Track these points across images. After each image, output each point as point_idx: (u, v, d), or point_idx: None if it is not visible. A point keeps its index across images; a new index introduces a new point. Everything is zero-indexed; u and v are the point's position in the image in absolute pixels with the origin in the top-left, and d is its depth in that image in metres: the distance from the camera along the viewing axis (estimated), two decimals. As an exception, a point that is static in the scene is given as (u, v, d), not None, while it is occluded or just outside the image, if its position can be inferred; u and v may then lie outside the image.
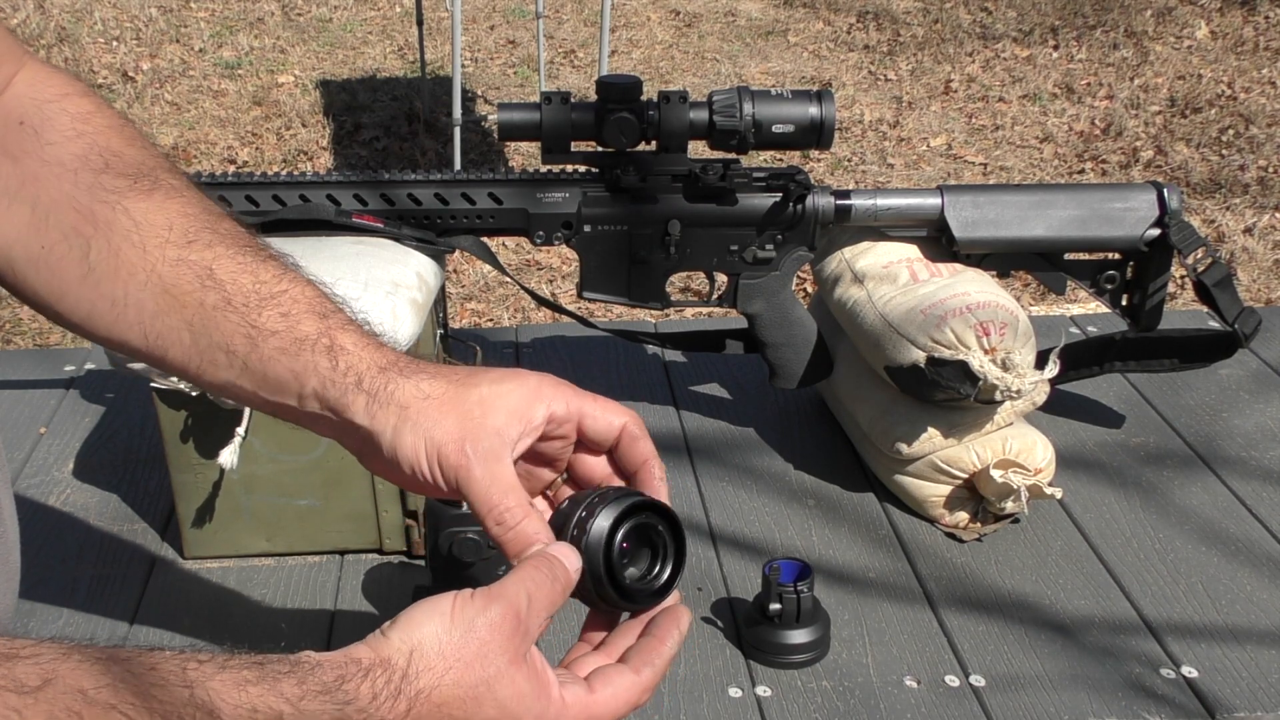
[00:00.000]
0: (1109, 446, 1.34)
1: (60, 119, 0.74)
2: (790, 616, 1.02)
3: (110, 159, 0.74)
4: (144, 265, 0.72)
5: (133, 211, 0.73)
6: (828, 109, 1.16)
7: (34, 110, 0.74)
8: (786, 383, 1.28)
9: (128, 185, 0.73)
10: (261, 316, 0.71)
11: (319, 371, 0.70)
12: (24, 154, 0.73)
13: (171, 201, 0.74)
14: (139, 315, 0.72)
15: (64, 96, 0.75)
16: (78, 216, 0.72)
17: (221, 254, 0.73)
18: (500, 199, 1.20)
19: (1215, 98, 4.65)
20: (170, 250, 0.72)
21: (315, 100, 4.69)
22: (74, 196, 0.72)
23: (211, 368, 0.73)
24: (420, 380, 0.69)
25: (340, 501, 1.12)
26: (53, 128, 0.73)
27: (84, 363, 1.49)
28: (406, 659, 0.59)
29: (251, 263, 0.73)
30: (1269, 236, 3.68)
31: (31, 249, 0.72)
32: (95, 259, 0.72)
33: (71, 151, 0.73)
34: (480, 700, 0.60)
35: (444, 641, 0.60)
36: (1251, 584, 1.13)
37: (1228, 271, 1.24)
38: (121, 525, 1.21)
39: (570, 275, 3.44)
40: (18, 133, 0.73)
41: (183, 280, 0.72)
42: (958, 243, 1.22)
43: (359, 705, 0.57)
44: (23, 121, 0.73)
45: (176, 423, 1.08)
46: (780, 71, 5.10)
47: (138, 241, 0.72)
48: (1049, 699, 1.00)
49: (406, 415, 0.68)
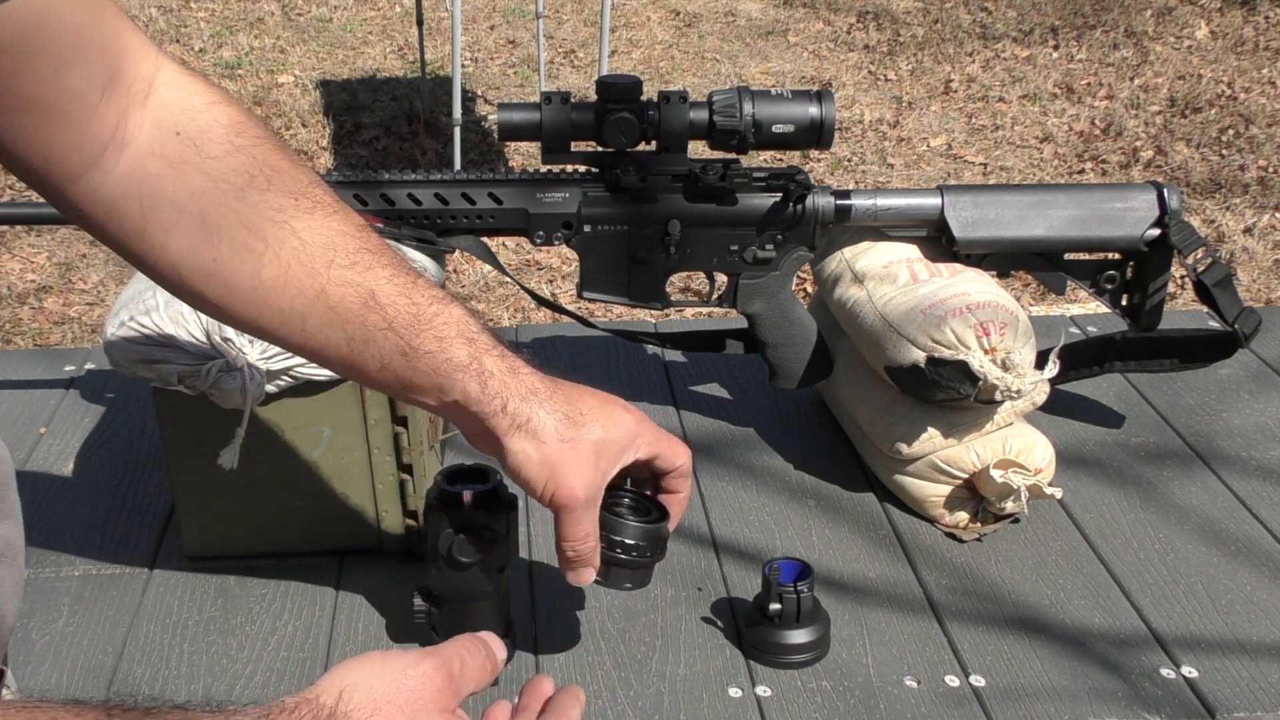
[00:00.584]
0: (1109, 446, 1.34)
1: (215, 130, 0.77)
2: (790, 616, 1.02)
3: (272, 176, 0.78)
4: (312, 285, 0.78)
5: (299, 231, 0.78)
6: (828, 109, 1.16)
7: (188, 121, 0.76)
8: (786, 383, 1.28)
9: (291, 204, 0.78)
10: (419, 338, 0.81)
11: (467, 392, 0.82)
12: (186, 165, 0.75)
13: (330, 220, 0.80)
14: (303, 325, 0.80)
15: (211, 105, 0.77)
16: (248, 233, 0.77)
17: (381, 276, 0.80)
18: (500, 199, 1.20)
19: (1215, 98, 4.65)
20: (336, 272, 0.79)
21: (315, 100, 4.69)
22: (242, 213, 0.76)
23: (360, 370, 0.82)
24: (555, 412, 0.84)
25: (340, 501, 1.12)
26: (210, 140, 0.76)
27: (84, 363, 1.49)
28: (335, 698, 0.62)
29: (407, 285, 0.81)
30: (1269, 236, 3.68)
31: (202, 260, 0.77)
32: (266, 275, 0.78)
33: (233, 167, 0.77)
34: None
35: (374, 685, 0.63)
36: (1251, 584, 1.13)
37: (1228, 271, 1.24)
38: (121, 525, 1.21)
39: (570, 275, 3.44)
40: (176, 143, 0.75)
41: (348, 301, 0.79)
42: (958, 243, 1.22)
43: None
44: (179, 132, 0.76)
45: (176, 423, 1.08)
46: (780, 71, 5.10)
47: (305, 261, 0.78)
48: (1049, 699, 1.00)
49: (540, 449, 0.84)
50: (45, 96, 0.69)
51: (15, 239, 3.64)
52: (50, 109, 0.70)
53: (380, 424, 1.09)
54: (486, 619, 1.00)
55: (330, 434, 1.09)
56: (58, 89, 0.70)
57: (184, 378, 1.04)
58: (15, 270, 3.51)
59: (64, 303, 3.37)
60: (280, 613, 1.09)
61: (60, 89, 0.70)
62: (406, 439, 1.10)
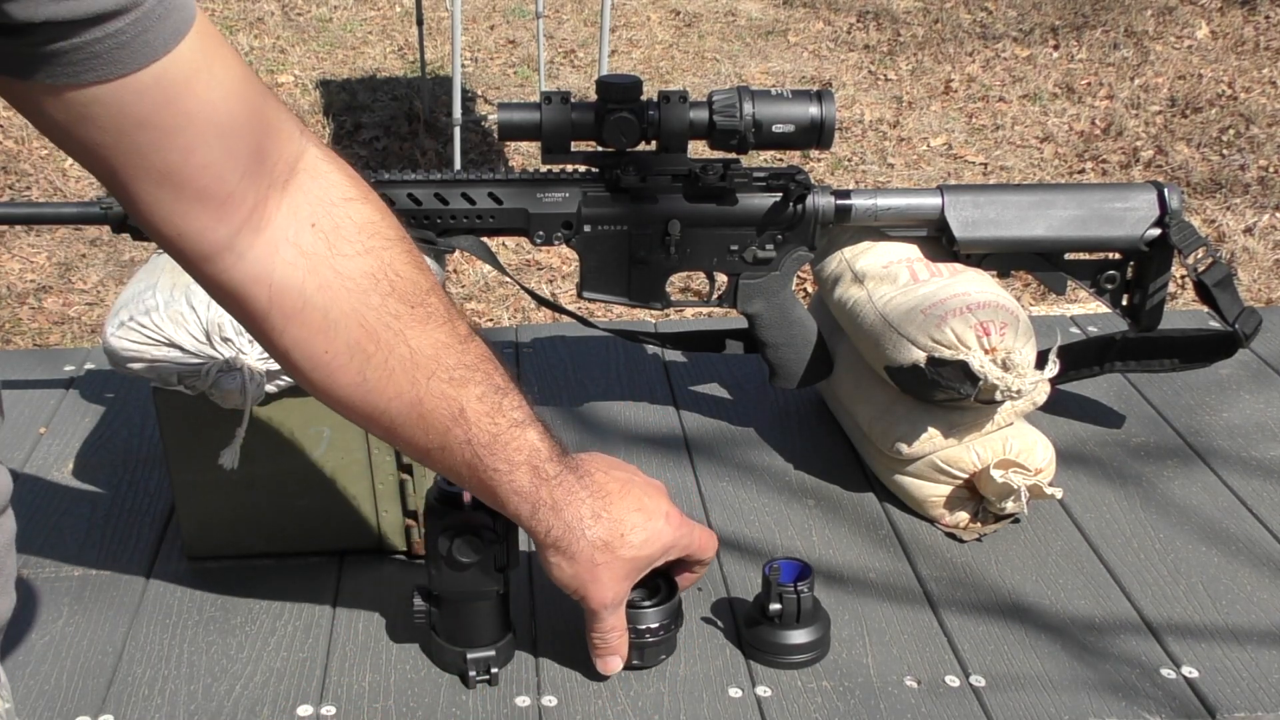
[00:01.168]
0: (1109, 446, 1.34)
1: (348, 228, 0.79)
2: (790, 616, 1.02)
3: (395, 281, 0.81)
4: (412, 393, 0.83)
5: (410, 339, 0.82)
6: (828, 109, 1.16)
7: (324, 214, 0.78)
8: (786, 383, 1.28)
9: (408, 312, 0.82)
10: (491, 458, 0.87)
11: (520, 511, 0.90)
12: (317, 258, 0.78)
13: (439, 331, 0.84)
14: (391, 423, 0.85)
15: (349, 201, 0.80)
16: (363, 333, 0.81)
17: (474, 395, 0.85)
18: (500, 199, 1.20)
19: (1215, 97, 4.65)
20: (435, 384, 0.83)
21: (315, 100, 4.69)
22: (362, 314, 0.80)
23: (430, 464, 0.89)
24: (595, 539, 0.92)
25: (340, 501, 1.12)
26: (343, 238, 0.79)
27: (84, 363, 1.49)
28: None
29: (494, 406, 0.86)
30: (1269, 236, 3.68)
31: (315, 350, 0.80)
32: (371, 376, 0.82)
33: (362, 268, 0.79)
34: None
35: None
36: (1251, 584, 1.13)
37: (1228, 271, 1.24)
38: (121, 525, 1.21)
39: (570, 275, 3.44)
40: (310, 234, 0.77)
41: (438, 412, 0.84)
42: (958, 243, 1.22)
43: None
44: (314, 224, 0.77)
45: (176, 423, 1.08)
46: (780, 71, 5.10)
47: (410, 370, 0.83)
48: (1049, 699, 1.00)
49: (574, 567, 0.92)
50: (182, 173, 0.70)
51: (15, 239, 3.64)
52: (186, 184, 0.71)
53: (380, 424, 1.09)
54: (486, 619, 1.00)
55: (330, 434, 1.09)
56: (194, 166, 0.70)
57: (184, 378, 1.04)
58: (15, 270, 3.51)
59: (64, 303, 3.37)
60: (280, 613, 1.09)
61: (197, 166, 0.70)
62: (406, 439, 1.10)
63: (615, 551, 0.93)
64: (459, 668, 1.00)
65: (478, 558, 0.96)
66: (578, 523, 0.91)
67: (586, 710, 0.98)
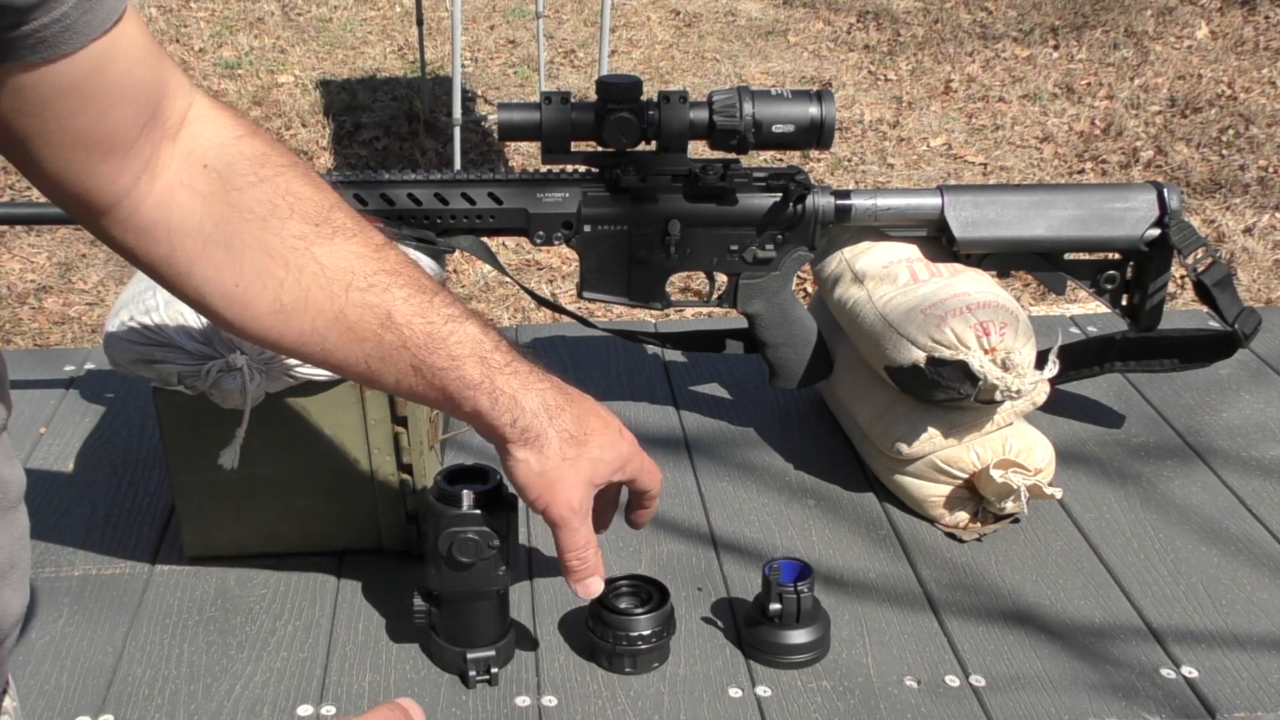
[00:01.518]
0: (1109, 446, 1.34)
1: (240, 163, 0.80)
2: (790, 616, 1.02)
3: (295, 204, 0.82)
4: (331, 308, 0.83)
5: (319, 256, 0.82)
6: (828, 109, 1.16)
7: (215, 154, 0.79)
8: (786, 383, 1.28)
9: (312, 230, 0.82)
10: (433, 357, 0.85)
11: (478, 406, 0.87)
12: (213, 196, 0.79)
13: (349, 244, 0.83)
14: (322, 344, 0.84)
15: (239, 139, 0.81)
16: (270, 260, 0.81)
17: (398, 297, 0.84)
18: (500, 199, 1.20)
19: (1215, 98, 4.65)
20: (354, 295, 0.83)
21: (315, 100, 4.69)
22: (265, 241, 0.80)
23: (378, 382, 0.88)
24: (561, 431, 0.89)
25: (340, 501, 1.12)
26: (235, 172, 0.80)
27: (84, 363, 1.49)
28: None
29: (422, 304, 0.85)
30: (1269, 236, 3.68)
31: (225, 286, 0.81)
32: (287, 299, 0.82)
33: (257, 198, 0.80)
34: None
35: None
36: (1251, 584, 1.13)
37: (1228, 271, 1.24)
38: (121, 525, 1.21)
39: (570, 275, 3.44)
40: (204, 175, 0.79)
41: (365, 322, 0.84)
42: (958, 243, 1.22)
43: None
44: (207, 165, 0.79)
45: (176, 423, 1.08)
46: (780, 71, 5.10)
47: (325, 285, 0.82)
48: (1049, 699, 1.00)
49: (543, 462, 0.89)
50: (95, 133, 0.72)
51: (15, 239, 3.64)
52: (97, 144, 0.73)
53: (380, 424, 1.09)
54: (487, 619, 1.00)
55: (330, 434, 1.09)
56: (107, 127, 0.72)
57: (184, 378, 1.04)
58: (15, 270, 3.51)
59: (64, 303, 3.37)
60: (280, 613, 1.09)
61: (109, 126, 0.73)
62: (406, 439, 1.10)
63: (582, 449, 0.90)
64: (459, 668, 1.00)
65: (478, 558, 0.96)
66: (543, 410, 0.89)
67: (586, 710, 0.98)
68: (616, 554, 1.16)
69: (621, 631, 1.00)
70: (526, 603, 1.09)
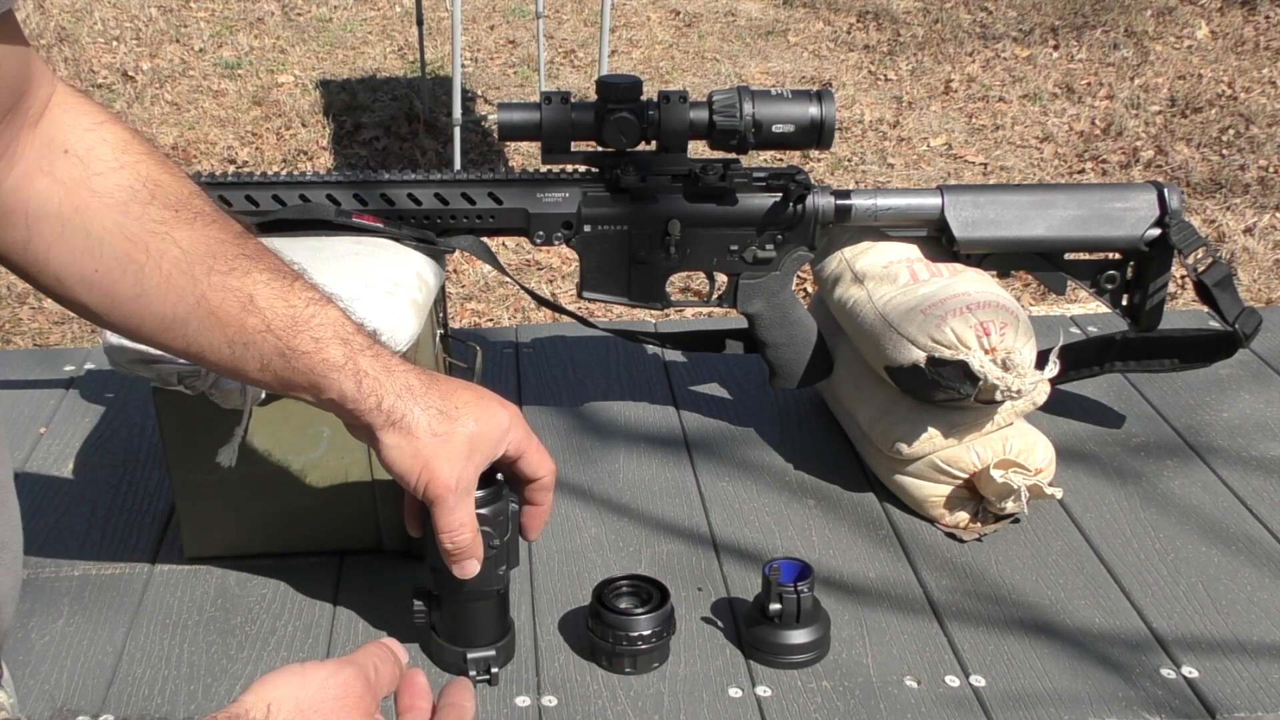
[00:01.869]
0: (1109, 446, 1.34)
1: (101, 149, 0.80)
2: (790, 616, 1.02)
3: (155, 190, 0.81)
4: (193, 291, 0.82)
5: (180, 241, 0.82)
6: (828, 109, 1.16)
7: (76, 139, 0.79)
8: (786, 383, 1.28)
9: (173, 216, 0.82)
10: (296, 339, 0.85)
11: (343, 390, 0.86)
12: (73, 182, 0.79)
13: (209, 229, 0.83)
14: (184, 330, 0.83)
15: (100, 125, 0.81)
16: (130, 245, 0.80)
17: (259, 280, 0.84)
18: (500, 199, 1.20)
19: (1215, 98, 4.65)
20: (215, 278, 0.83)
21: (315, 100, 4.69)
22: (125, 226, 0.80)
23: (242, 371, 0.86)
24: (429, 408, 0.88)
25: (340, 501, 1.12)
26: (96, 158, 0.80)
27: (84, 363, 1.49)
28: (264, 711, 0.64)
29: (284, 288, 0.85)
30: (1269, 236, 3.68)
31: (84, 271, 0.80)
32: (148, 284, 0.81)
33: (118, 183, 0.80)
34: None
35: (299, 695, 0.66)
36: (1251, 584, 1.13)
37: (1228, 271, 1.24)
38: (121, 525, 1.21)
39: (570, 275, 3.44)
40: (64, 161, 0.79)
41: (227, 305, 0.83)
42: (958, 243, 1.22)
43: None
44: (67, 150, 0.79)
45: (176, 423, 1.08)
46: (780, 71, 5.10)
47: (186, 269, 0.82)
48: (1049, 699, 1.00)
49: (414, 442, 0.88)
50: None
51: (15, 239, 3.63)
52: None
53: (380, 424, 1.09)
54: (487, 619, 1.00)
55: (330, 434, 1.09)
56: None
57: (184, 378, 1.04)
58: (15, 270, 3.51)
59: (64, 303, 3.36)
60: (280, 613, 1.09)
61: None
62: (406, 439, 1.10)
63: (453, 423, 0.88)
64: (459, 668, 1.00)
65: None
66: (408, 391, 0.88)
67: (586, 710, 0.98)
68: (616, 554, 1.16)
69: (621, 631, 1.00)
70: (526, 603, 1.09)
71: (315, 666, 0.68)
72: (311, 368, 0.85)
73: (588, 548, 1.17)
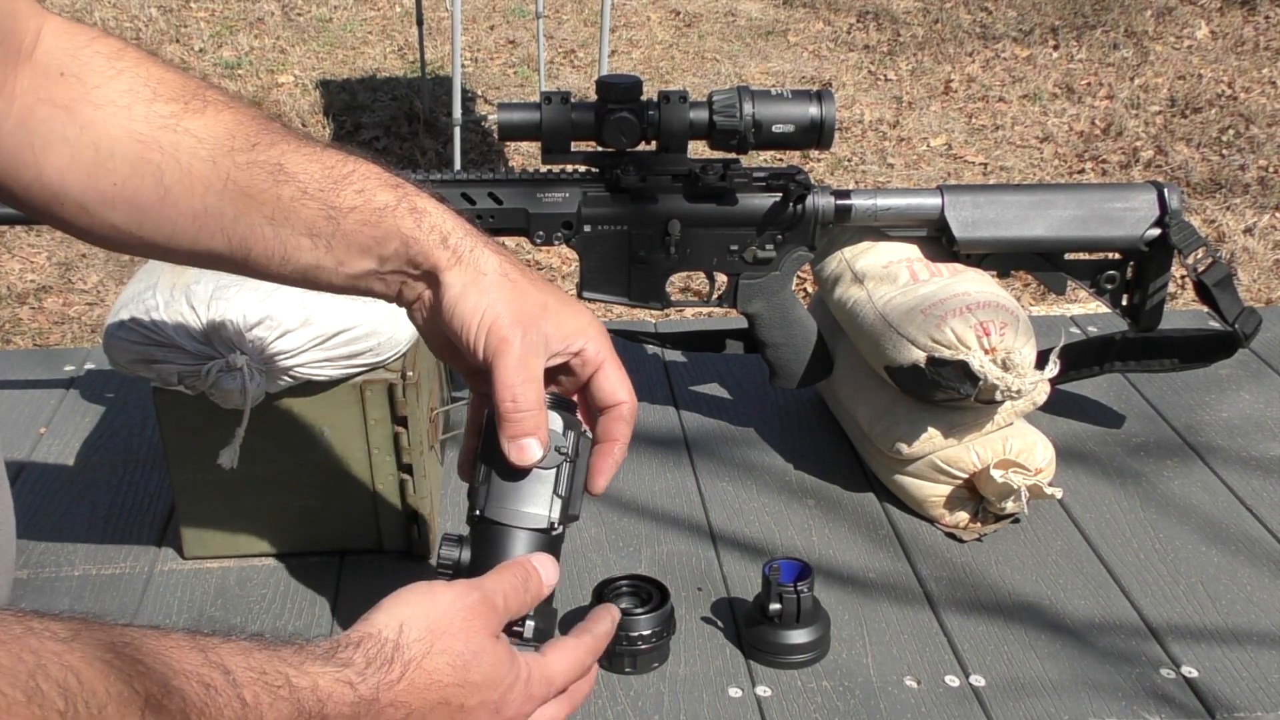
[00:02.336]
0: (1109, 446, 1.34)
1: (96, 61, 0.77)
2: (790, 616, 1.02)
3: (156, 87, 0.77)
4: (217, 175, 0.76)
5: (194, 130, 0.77)
6: (828, 109, 1.16)
7: (70, 59, 0.77)
8: (786, 383, 1.28)
9: (180, 108, 0.77)
10: (339, 196, 0.76)
11: (402, 232, 0.76)
12: (74, 102, 0.76)
13: (225, 113, 0.78)
14: (220, 222, 0.77)
15: (92, 40, 0.78)
16: (142, 146, 0.76)
17: (286, 150, 0.77)
18: (500, 199, 1.20)
19: (1215, 98, 4.65)
20: (239, 156, 0.77)
21: (315, 100, 4.69)
22: (132, 129, 0.76)
23: (296, 253, 0.77)
24: (501, 258, 0.77)
25: (340, 501, 1.12)
26: (92, 71, 0.77)
27: (84, 363, 1.49)
28: (396, 631, 0.66)
29: (315, 151, 0.78)
30: (1269, 236, 3.68)
31: (103, 188, 0.76)
32: (169, 180, 0.76)
33: (118, 89, 0.77)
34: (468, 667, 0.66)
35: (431, 615, 0.67)
36: (1251, 584, 1.13)
37: (1228, 271, 1.24)
38: (121, 525, 1.21)
39: (570, 275, 3.44)
40: (62, 84, 0.76)
41: (257, 180, 0.76)
42: (958, 243, 1.22)
43: (356, 669, 0.63)
44: (63, 73, 0.76)
45: (176, 423, 1.08)
46: (780, 71, 5.10)
47: (206, 155, 0.76)
48: (1049, 699, 1.00)
49: (480, 281, 0.76)
50: None
51: (15, 239, 3.64)
52: None
53: (380, 424, 1.09)
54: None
55: (330, 434, 1.09)
56: None
57: (184, 378, 1.04)
58: (15, 270, 3.51)
59: (64, 303, 3.37)
60: (280, 613, 1.09)
61: None
62: (406, 439, 1.10)
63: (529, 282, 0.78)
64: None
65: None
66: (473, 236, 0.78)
67: (586, 710, 0.98)
68: (617, 554, 1.17)
69: (621, 631, 1.00)
70: (526, 603, 1.09)
71: (444, 587, 0.69)
72: (365, 220, 0.76)
73: (588, 548, 1.17)
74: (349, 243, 0.77)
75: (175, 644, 0.57)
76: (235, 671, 0.58)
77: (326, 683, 0.61)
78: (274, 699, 0.59)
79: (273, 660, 0.60)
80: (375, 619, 0.67)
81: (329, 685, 0.61)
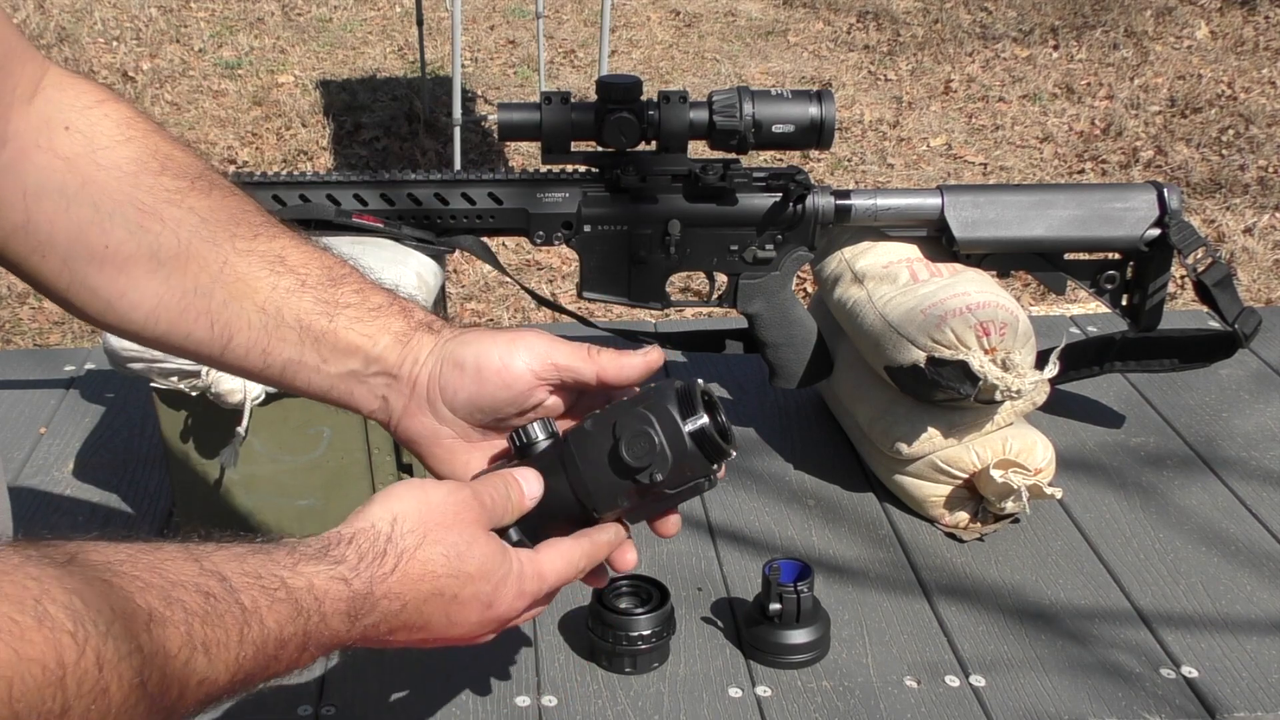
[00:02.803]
0: (1109, 446, 1.34)
1: (105, 124, 0.77)
2: (790, 616, 1.02)
3: (165, 162, 0.77)
4: (216, 257, 0.76)
5: (198, 209, 0.77)
6: (828, 109, 1.16)
7: (77, 116, 0.76)
8: (786, 383, 1.27)
9: (188, 185, 0.77)
10: (337, 293, 0.78)
11: (392, 329, 0.77)
12: (76, 156, 0.75)
13: (230, 199, 0.78)
14: (207, 304, 0.76)
15: (101, 103, 0.78)
16: (143, 215, 0.75)
17: (288, 244, 0.78)
18: (500, 199, 1.20)
19: (1215, 98, 4.65)
20: (240, 243, 0.77)
21: (315, 100, 4.69)
22: (136, 197, 0.76)
23: (278, 345, 0.77)
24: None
25: (340, 501, 1.12)
26: (100, 133, 0.76)
27: (84, 363, 1.49)
28: (389, 524, 0.67)
29: (315, 251, 0.79)
30: (1269, 236, 3.68)
31: (94, 247, 0.75)
32: (165, 254, 0.75)
33: (125, 155, 0.76)
34: (462, 558, 0.68)
35: (422, 510, 0.68)
36: (1251, 584, 1.13)
37: (1228, 271, 1.24)
38: (121, 525, 1.20)
39: (570, 275, 3.44)
40: (66, 137, 0.75)
41: (255, 268, 0.77)
42: (958, 243, 1.22)
43: (349, 564, 0.65)
44: (69, 127, 0.75)
45: (176, 423, 1.08)
46: (780, 71, 5.10)
47: (207, 236, 0.76)
48: (1049, 699, 1.00)
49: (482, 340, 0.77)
50: None
51: (15, 239, 3.63)
52: None
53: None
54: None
55: (330, 434, 1.09)
56: None
57: (184, 378, 1.04)
58: (15, 270, 3.51)
59: (64, 303, 3.36)
60: (280, 613, 1.09)
61: None
62: (406, 439, 1.10)
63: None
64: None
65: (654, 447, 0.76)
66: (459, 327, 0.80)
67: (586, 710, 0.98)
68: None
69: (621, 631, 1.00)
70: (526, 603, 1.09)
71: (434, 484, 0.71)
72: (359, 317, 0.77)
73: (588, 548, 1.17)
74: (338, 339, 0.77)
75: (170, 556, 0.58)
76: (231, 578, 0.59)
77: (321, 581, 0.63)
78: (272, 601, 0.60)
79: (267, 564, 0.62)
80: (369, 512, 0.68)
81: (324, 583, 0.63)
